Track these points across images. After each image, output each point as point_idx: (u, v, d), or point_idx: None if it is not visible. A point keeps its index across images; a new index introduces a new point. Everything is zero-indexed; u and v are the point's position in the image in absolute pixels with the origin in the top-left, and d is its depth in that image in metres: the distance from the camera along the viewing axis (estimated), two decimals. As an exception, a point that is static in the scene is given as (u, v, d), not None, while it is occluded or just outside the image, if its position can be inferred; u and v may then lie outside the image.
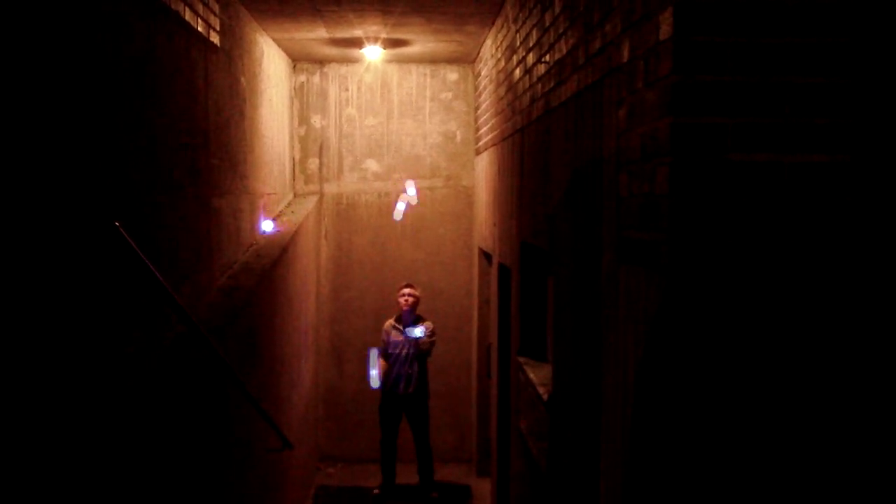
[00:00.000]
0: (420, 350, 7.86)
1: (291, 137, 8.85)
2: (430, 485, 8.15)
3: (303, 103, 9.04)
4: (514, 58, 5.41)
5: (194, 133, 4.59)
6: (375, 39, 7.63)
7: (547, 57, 4.15)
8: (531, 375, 4.67)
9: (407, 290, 8.03)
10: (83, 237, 2.95)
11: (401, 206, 8.68)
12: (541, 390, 4.31)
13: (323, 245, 9.15)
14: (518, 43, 5.23)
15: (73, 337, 2.86)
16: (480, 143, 8.08)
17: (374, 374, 7.80)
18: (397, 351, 7.91)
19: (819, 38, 2.21)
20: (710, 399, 2.23)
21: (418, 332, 7.78)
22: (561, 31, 3.78)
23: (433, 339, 7.97)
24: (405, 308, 7.97)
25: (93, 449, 2.79)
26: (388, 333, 8.03)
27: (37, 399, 2.58)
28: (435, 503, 8.06)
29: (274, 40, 7.62)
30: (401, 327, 7.96)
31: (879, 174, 2.21)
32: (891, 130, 2.21)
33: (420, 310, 8.14)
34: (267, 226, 6.72)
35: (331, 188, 9.12)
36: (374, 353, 7.89)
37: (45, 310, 2.66)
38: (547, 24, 4.15)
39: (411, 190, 8.77)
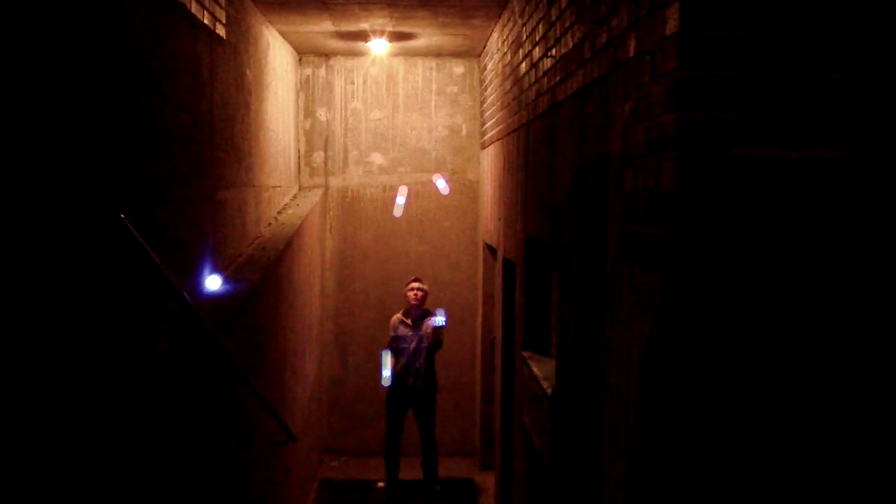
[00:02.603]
0: (429, 343, 7.87)
1: (297, 130, 8.85)
2: (435, 478, 8.16)
3: (308, 96, 9.04)
4: (521, 52, 5.40)
5: (199, 125, 4.59)
6: (381, 33, 7.62)
7: (553, 51, 4.14)
8: (535, 370, 4.67)
9: (415, 285, 8.03)
10: (88, 229, 2.95)
11: (400, 201, 8.55)
12: (544, 385, 4.31)
13: (328, 238, 9.15)
14: (524, 37, 5.21)
15: (77, 328, 2.86)
16: (486, 137, 8.07)
17: (387, 374, 7.85)
18: (405, 345, 7.91)
19: (826, 33, 2.20)
20: (714, 395, 2.22)
21: (440, 319, 7.79)
22: (567, 25, 3.77)
23: (440, 329, 7.99)
24: (414, 302, 7.97)
25: (97, 439, 2.80)
26: (395, 328, 8.02)
27: (39, 390, 2.59)
28: (439, 496, 8.07)
29: (280, 33, 7.62)
30: (409, 321, 7.96)
31: (886, 170, 2.20)
32: (898, 126, 2.20)
33: (426, 304, 8.14)
34: (213, 283, 4.67)
35: (336, 181, 9.12)
36: (386, 355, 7.96)
37: (50, 302, 2.67)
38: (553, 18, 4.14)
39: (440, 183, 8.78)
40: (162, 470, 3.18)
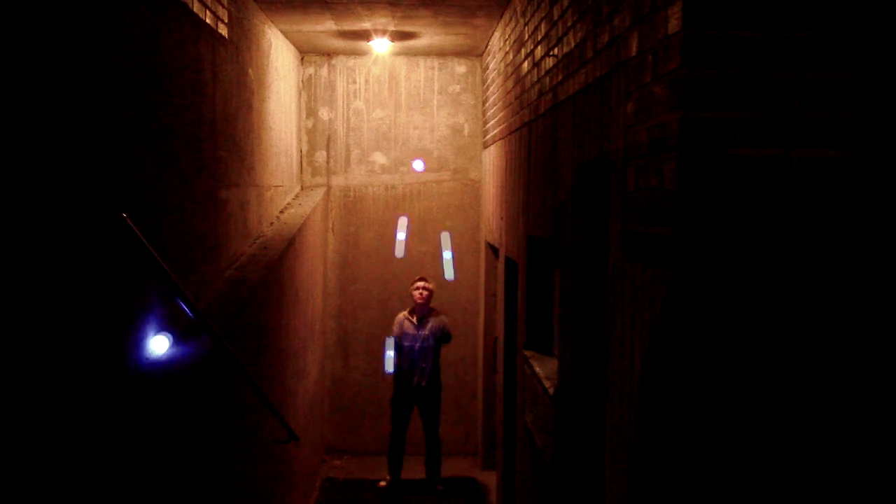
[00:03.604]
0: (439, 334, 7.86)
1: (299, 130, 8.86)
2: (437, 478, 8.16)
3: (310, 96, 9.04)
4: (523, 51, 5.40)
5: (201, 125, 4.60)
6: (383, 32, 7.62)
7: (555, 50, 4.14)
8: (537, 369, 4.67)
9: (421, 284, 8.01)
10: (90, 228, 2.95)
11: (401, 237, 8.63)
12: (546, 384, 4.31)
13: (330, 238, 9.15)
14: (526, 36, 5.21)
15: (79, 327, 2.87)
16: (488, 137, 8.07)
17: (390, 355, 7.86)
18: (410, 344, 7.90)
19: (828, 32, 2.19)
20: (716, 394, 2.22)
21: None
22: (569, 24, 3.77)
23: (446, 329, 7.98)
24: (419, 301, 7.95)
25: (102, 437, 2.80)
26: (401, 326, 8.01)
27: (41, 390, 2.59)
28: (441, 496, 8.07)
29: (282, 32, 7.62)
30: (415, 320, 7.95)
31: (886, 169, 2.20)
32: (900, 126, 2.20)
33: (431, 303, 8.13)
34: (159, 345, 3.61)
35: (338, 181, 9.12)
36: (389, 341, 8.00)
37: (53, 300, 2.67)
38: (555, 17, 4.14)
39: (418, 165, 8.81)
40: (165, 467, 3.18)
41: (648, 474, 2.50)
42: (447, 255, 7.84)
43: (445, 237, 7.75)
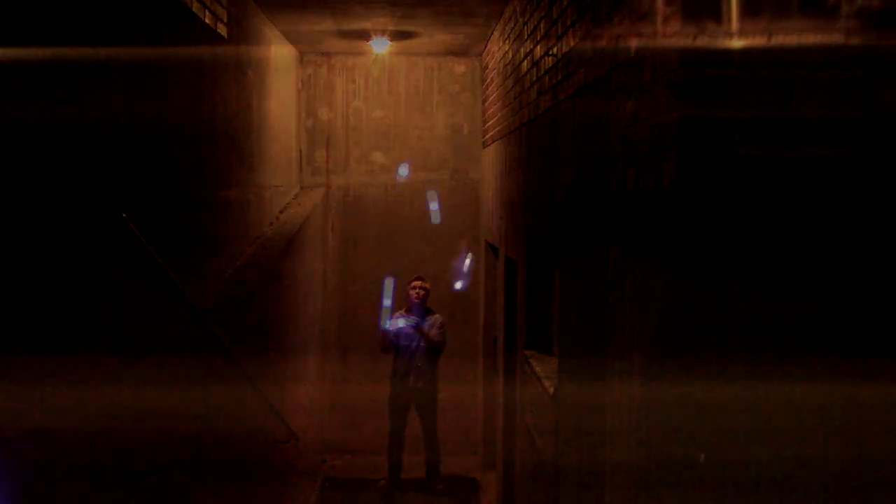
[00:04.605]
0: (432, 345, 7.82)
1: (298, 130, 8.86)
2: (437, 477, 8.15)
3: (310, 95, 9.04)
4: (522, 50, 5.40)
5: (200, 125, 4.59)
6: (383, 32, 7.62)
7: (554, 49, 4.13)
8: (537, 369, 4.67)
9: (417, 283, 8.00)
10: (91, 228, 2.95)
11: (434, 205, 8.86)
12: (546, 384, 4.31)
13: (329, 237, 9.15)
14: (526, 35, 5.21)
15: (79, 326, 2.87)
16: (487, 136, 8.07)
17: (388, 302, 7.93)
18: (406, 343, 7.89)
19: (826, 31, 2.19)
20: (717, 395, 2.22)
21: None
22: (569, 23, 3.77)
23: (442, 329, 7.93)
24: (416, 301, 7.94)
25: (104, 440, 2.80)
26: (398, 324, 8.00)
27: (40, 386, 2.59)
28: (440, 495, 8.06)
29: (281, 32, 7.62)
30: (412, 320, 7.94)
31: (885, 169, 2.20)
32: (900, 125, 2.19)
33: (428, 302, 8.13)
34: None
35: (338, 180, 9.12)
36: (388, 281, 8.02)
37: (54, 299, 2.67)
38: (555, 16, 4.14)
39: (403, 170, 8.98)
40: (165, 468, 3.18)
41: (649, 476, 2.50)
42: (433, 205, 8.38)
43: (432, 193, 8.35)
